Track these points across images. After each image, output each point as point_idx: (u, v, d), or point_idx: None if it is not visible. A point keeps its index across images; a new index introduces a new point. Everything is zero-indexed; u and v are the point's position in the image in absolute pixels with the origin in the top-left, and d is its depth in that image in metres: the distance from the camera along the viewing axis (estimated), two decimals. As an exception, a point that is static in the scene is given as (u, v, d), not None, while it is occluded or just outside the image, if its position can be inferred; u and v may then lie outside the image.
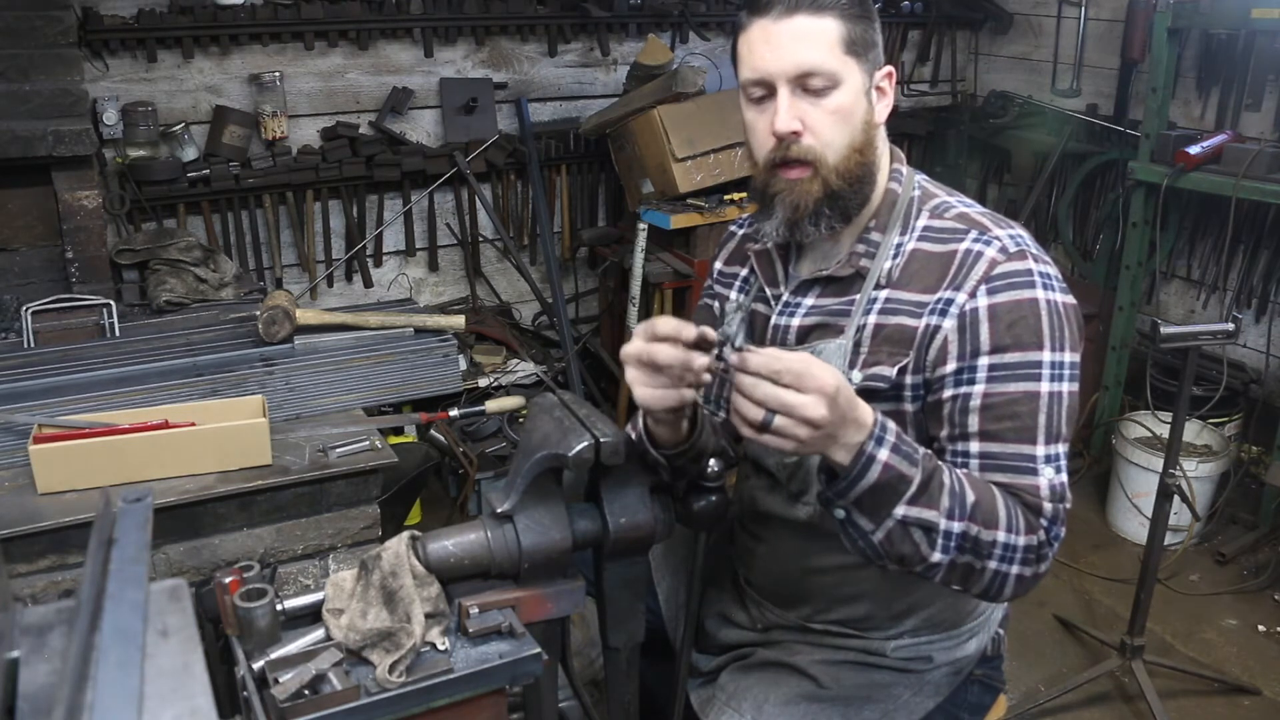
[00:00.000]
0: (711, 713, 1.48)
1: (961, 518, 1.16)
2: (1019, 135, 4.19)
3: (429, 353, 2.58)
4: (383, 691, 1.06)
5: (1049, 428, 1.24)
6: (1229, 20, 3.19)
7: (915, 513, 1.15)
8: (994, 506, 1.19)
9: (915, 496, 1.15)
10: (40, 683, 0.74)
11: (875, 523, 1.17)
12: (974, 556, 1.18)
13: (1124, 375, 3.67)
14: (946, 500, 1.16)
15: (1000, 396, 1.24)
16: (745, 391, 1.09)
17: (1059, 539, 1.23)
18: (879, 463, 1.12)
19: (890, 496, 1.15)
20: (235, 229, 3.41)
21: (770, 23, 1.27)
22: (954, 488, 1.17)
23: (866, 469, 1.12)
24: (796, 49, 1.26)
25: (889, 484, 1.14)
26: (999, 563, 1.19)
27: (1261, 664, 2.76)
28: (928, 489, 1.15)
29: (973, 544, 1.17)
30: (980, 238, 1.30)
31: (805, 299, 1.40)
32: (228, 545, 2.09)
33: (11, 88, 2.69)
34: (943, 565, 1.18)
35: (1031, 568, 1.21)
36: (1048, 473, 1.23)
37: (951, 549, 1.17)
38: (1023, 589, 1.23)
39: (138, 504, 0.89)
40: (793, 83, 1.27)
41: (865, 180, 1.34)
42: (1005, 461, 1.24)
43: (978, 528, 1.17)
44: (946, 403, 1.28)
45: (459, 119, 3.67)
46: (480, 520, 1.22)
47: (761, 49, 1.28)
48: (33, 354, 2.47)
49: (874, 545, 1.19)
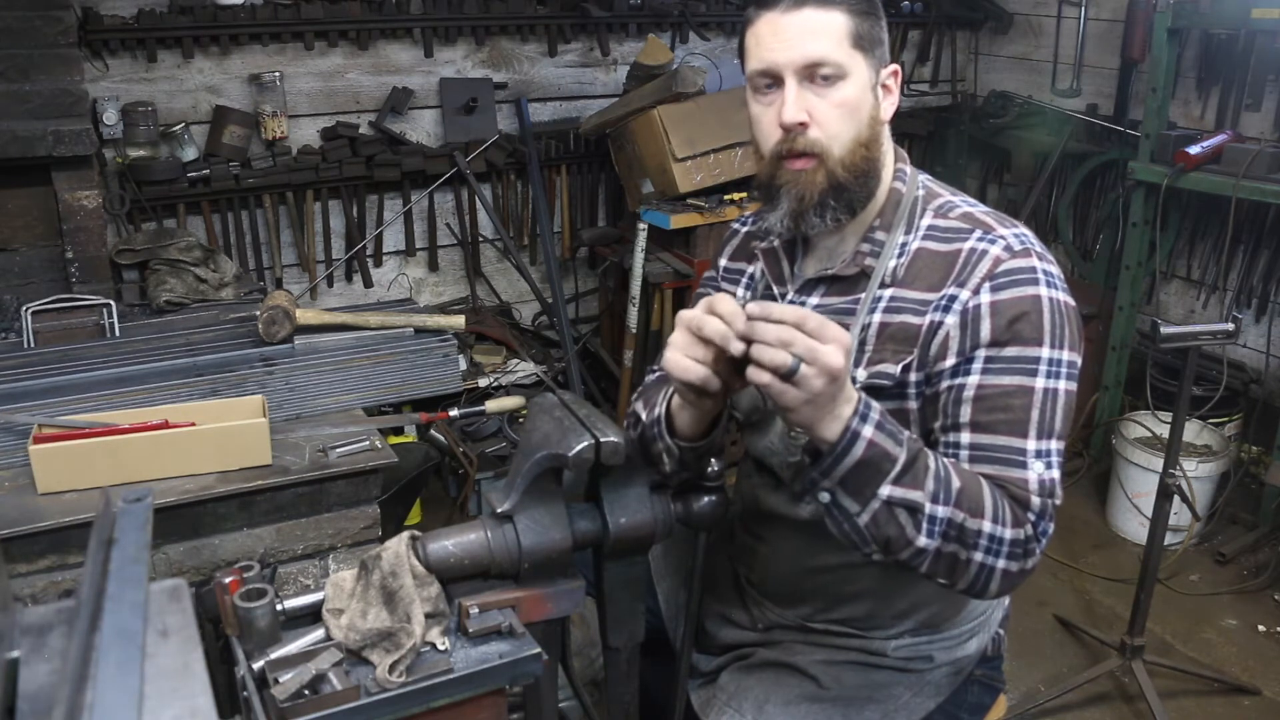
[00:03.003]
0: (712, 713, 1.48)
1: (947, 502, 1.16)
2: (1019, 135, 4.18)
3: (429, 353, 2.58)
4: (383, 691, 1.06)
5: (1041, 423, 1.23)
6: (1229, 20, 3.19)
7: (900, 493, 1.15)
8: (980, 495, 1.18)
9: (900, 476, 1.14)
10: (40, 683, 0.74)
11: (860, 504, 1.16)
12: (959, 545, 1.18)
13: (1124, 375, 3.67)
14: (931, 484, 1.15)
15: (994, 389, 1.25)
16: (772, 338, 1.07)
17: (1047, 535, 1.23)
18: (863, 439, 1.12)
19: (875, 475, 1.14)
20: (235, 229, 3.41)
21: (779, 15, 1.28)
22: (939, 472, 1.17)
23: (852, 444, 1.12)
24: (805, 40, 1.27)
25: (873, 461, 1.13)
26: (985, 555, 1.18)
27: (1261, 664, 2.76)
28: (912, 469, 1.15)
29: (958, 531, 1.17)
30: (985, 236, 1.31)
31: (810, 298, 1.41)
32: (228, 545, 2.09)
33: (11, 88, 2.69)
34: (929, 552, 1.17)
35: (1018, 563, 1.20)
36: (1037, 467, 1.23)
37: (937, 534, 1.16)
38: (1009, 585, 1.22)
39: (138, 504, 0.89)
40: (800, 74, 1.28)
41: (870, 175, 1.34)
42: (994, 453, 1.24)
43: (963, 514, 1.16)
44: (942, 394, 1.28)
45: (459, 119, 3.67)
46: (480, 520, 1.22)
47: (770, 41, 1.29)
48: (33, 354, 2.47)
49: (859, 529, 1.18)
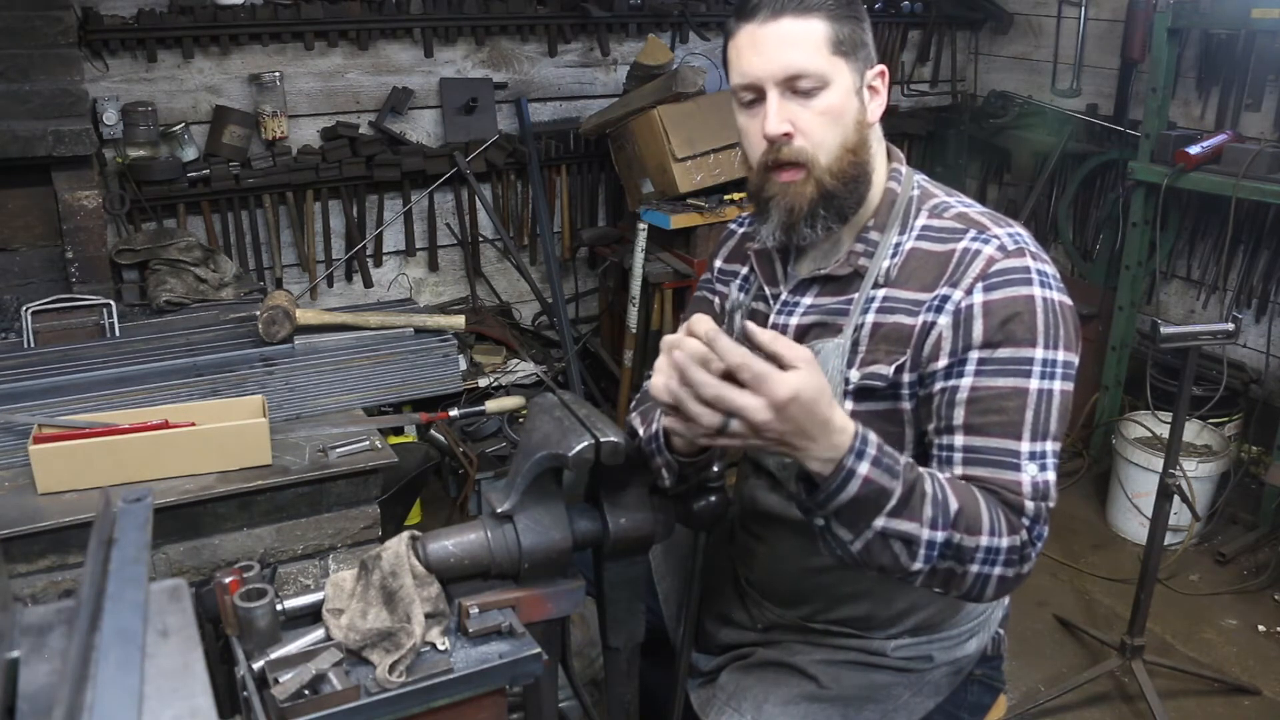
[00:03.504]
0: (711, 713, 1.48)
1: (945, 526, 1.15)
2: (1019, 135, 4.18)
3: (429, 353, 2.58)
4: (383, 691, 1.06)
5: (1036, 424, 1.23)
6: (1229, 20, 3.19)
7: (895, 525, 1.14)
8: (978, 512, 1.17)
9: (896, 509, 1.13)
10: (40, 683, 0.74)
11: (854, 533, 1.15)
12: (956, 562, 1.17)
13: (1124, 375, 3.67)
14: (929, 510, 1.14)
15: (987, 390, 1.24)
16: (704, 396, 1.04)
17: (1042, 538, 1.22)
18: (859, 477, 1.10)
19: (870, 509, 1.13)
20: (235, 229, 3.41)
21: (757, 27, 1.28)
22: (937, 496, 1.15)
23: (846, 483, 1.11)
24: (783, 51, 1.26)
25: (869, 497, 1.12)
26: (981, 566, 1.18)
27: (1261, 664, 2.76)
28: (909, 501, 1.13)
29: (955, 551, 1.16)
30: (979, 236, 1.30)
31: (804, 298, 1.40)
32: (228, 545, 2.09)
33: (11, 88, 2.69)
34: (923, 573, 1.18)
35: (1014, 569, 1.20)
36: (1031, 469, 1.22)
37: (934, 557, 1.16)
38: (1005, 589, 1.22)
39: (138, 504, 0.89)
40: (781, 85, 1.28)
41: (860, 180, 1.34)
42: (988, 456, 1.23)
43: (960, 534, 1.16)
44: (935, 395, 1.28)
45: (459, 119, 3.67)
46: (480, 520, 1.22)
47: (749, 53, 1.29)
48: (33, 354, 2.47)
49: (852, 554, 1.18)
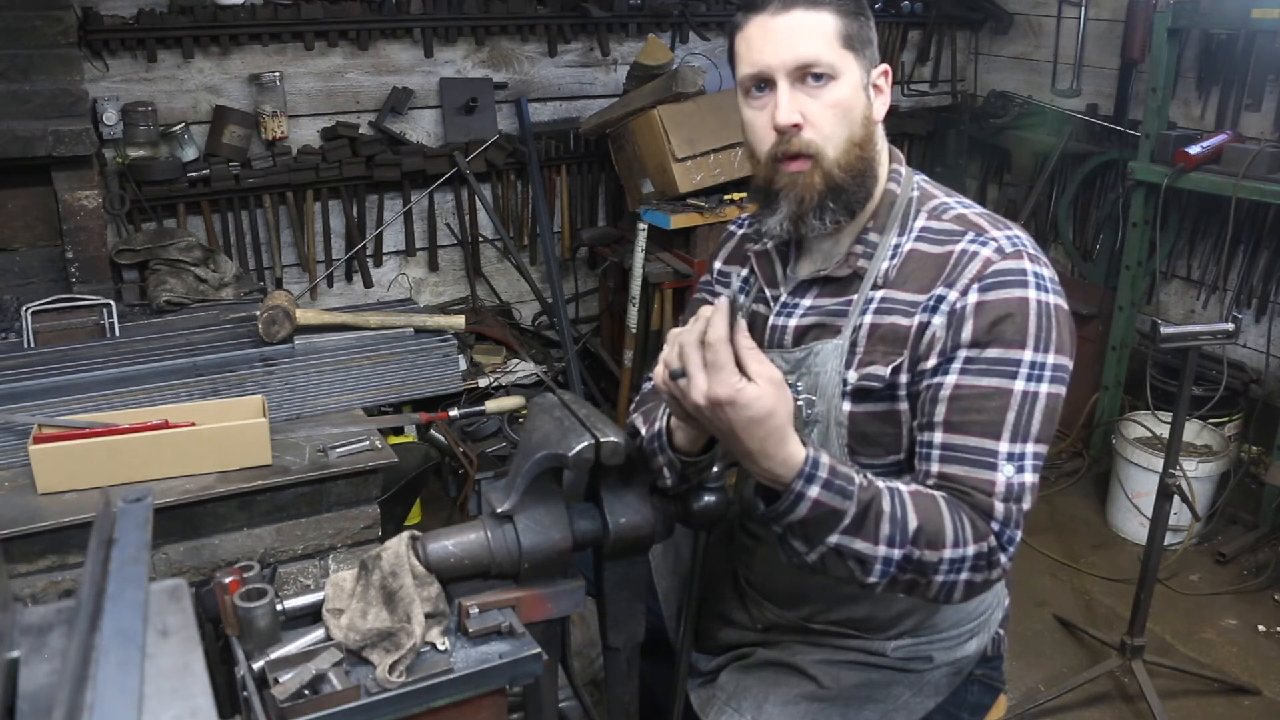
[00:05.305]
0: (711, 713, 1.48)
1: (902, 544, 1.16)
2: (1019, 135, 4.18)
3: (429, 353, 2.58)
4: (383, 691, 1.06)
5: (1017, 425, 1.22)
6: (1229, 20, 3.19)
7: (849, 543, 1.16)
8: (940, 528, 1.17)
9: (850, 529, 1.15)
10: (40, 683, 0.74)
11: (809, 547, 1.18)
12: (918, 574, 1.19)
13: (1124, 375, 3.67)
14: (886, 528, 1.16)
15: (970, 389, 1.24)
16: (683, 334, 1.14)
17: (1013, 543, 1.22)
18: (808, 500, 1.13)
19: (822, 529, 1.16)
20: (235, 229, 3.41)
21: (768, 18, 1.28)
22: (895, 514, 1.16)
23: (796, 504, 1.14)
24: (795, 42, 1.27)
25: (820, 519, 1.15)
26: (947, 575, 1.19)
27: (1261, 664, 2.76)
28: (864, 521, 1.15)
29: (916, 565, 1.17)
30: (977, 238, 1.30)
31: (803, 299, 1.40)
32: (228, 545, 2.09)
33: (11, 88, 2.69)
34: (882, 585, 1.19)
35: (982, 574, 1.20)
36: (1008, 470, 1.21)
37: (890, 572, 1.18)
38: (974, 593, 1.23)
39: (138, 504, 0.88)
40: (792, 75, 1.28)
41: (866, 175, 1.34)
42: (965, 454, 1.23)
43: (920, 550, 1.17)
44: (921, 392, 1.28)
45: (459, 119, 3.67)
46: (480, 520, 1.22)
47: (760, 44, 1.29)
48: (33, 354, 2.47)
49: (808, 565, 1.21)
